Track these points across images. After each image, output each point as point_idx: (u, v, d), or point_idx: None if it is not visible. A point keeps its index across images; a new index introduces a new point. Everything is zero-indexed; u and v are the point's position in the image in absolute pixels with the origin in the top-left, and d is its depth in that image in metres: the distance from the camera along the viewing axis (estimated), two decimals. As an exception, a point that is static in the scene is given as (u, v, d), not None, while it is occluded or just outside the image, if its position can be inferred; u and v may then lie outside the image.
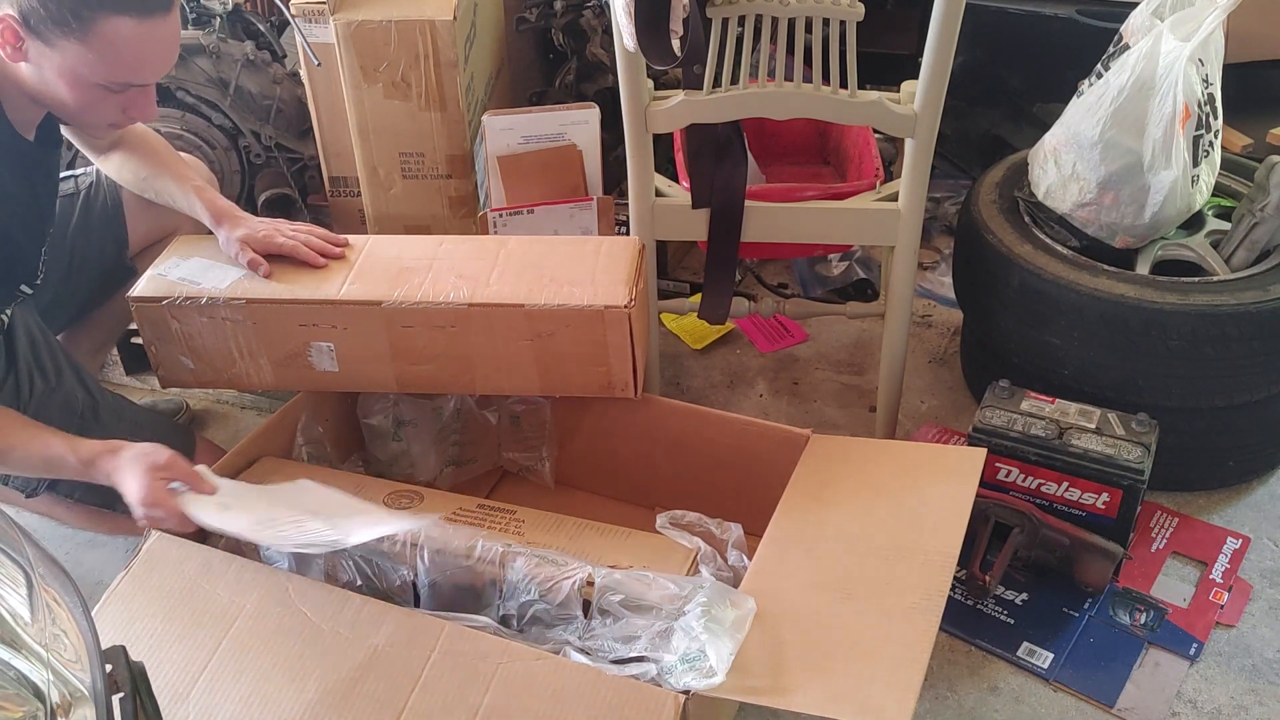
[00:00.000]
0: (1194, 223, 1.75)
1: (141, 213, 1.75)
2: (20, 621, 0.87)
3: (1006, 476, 1.63)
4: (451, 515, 1.50)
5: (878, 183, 1.77)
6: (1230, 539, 1.71)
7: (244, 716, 1.21)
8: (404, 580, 1.40)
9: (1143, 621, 1.59)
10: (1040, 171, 1.78)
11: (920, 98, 1.54)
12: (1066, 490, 1.60)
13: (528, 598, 1.33)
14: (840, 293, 2.24)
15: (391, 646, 1.24)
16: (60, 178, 1.67)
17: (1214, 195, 1.78)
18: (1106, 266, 1.67)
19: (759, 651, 1.22)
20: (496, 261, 1.61)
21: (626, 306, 1.51)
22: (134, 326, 1.78)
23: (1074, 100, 1.72)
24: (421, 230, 2.04)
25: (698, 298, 1.83)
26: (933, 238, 2.41)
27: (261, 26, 2.26)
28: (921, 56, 1.51)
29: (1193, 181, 1.66)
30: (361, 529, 1.34)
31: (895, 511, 1.39)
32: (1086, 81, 1.72)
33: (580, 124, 1.89)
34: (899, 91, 1.61)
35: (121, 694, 0.89)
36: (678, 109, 1.59)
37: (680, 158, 1.81)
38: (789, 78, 1.56)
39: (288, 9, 1.97)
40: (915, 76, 1.54)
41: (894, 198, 1.68)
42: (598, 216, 1.90)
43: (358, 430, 1.77)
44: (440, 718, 1.18)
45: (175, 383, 1.69)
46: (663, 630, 1.25)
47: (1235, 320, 1.57)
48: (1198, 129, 1.65)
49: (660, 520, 1.47)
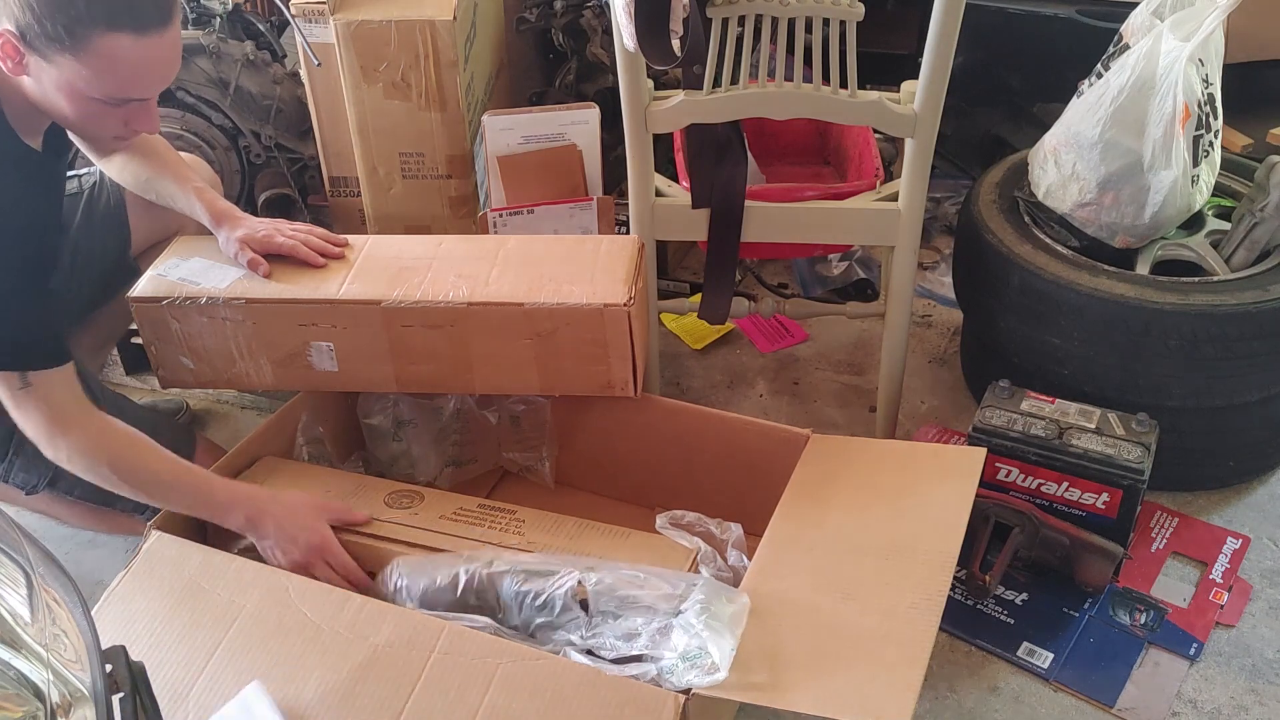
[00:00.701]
0: (1194, 223, 1.75)
1: (144, 213, 1.75)
2: (20, 621, 0.87)
3: (1006, 476, 1.63)
4: (452, 515, 1.50)
5: (878, 183, 1.77)
6: (1230, 539, 1.71)
7: (244, 716, 1.21)
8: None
9: (1143, 621, 1.59)
10: (1040, 171, 1.78)
11: (920, 98, 1.54)
12: (1066, 490, 1.60)
13: (525, 614, 1.33)
14: (840, 293, 2.23)
15: (391, 647, 1.24)
16: (66, 175, 1.67)
17: (1214, 195, 1.78)
18: (1106, 266, 1.67)
19: (759, 651, 1.22)
20: (496, 261, 1.61)
21: (626, 305, 1.51)
22: (135, 326, 1.78)
23: (1074, 100, 1.72)
24: (421, 230, 2.04)
25: (698, 298, 1.83)
26: (933, 238, 2.41)
27: (261, 26, 2.26)
28: (921, 56, 1.51)
29: (1193, 181, 1.66)
30: None
31: (895, 511, 1.39)
32: (1086, 81, 1.72)
33: (580, 124, 1.89)
34: (899, 91, 1.61)
35: (121, 694, 0.89)
36: (678, 109, 1.59)
37: (680, 158, 1.81)
38: (789, 78, 1.56)
39: (288, 9, 1.97)
40: (915, 76, 1.54)
41: (894, 198, 1.68)
42: (598, 216, 1.90)
43: (358, 430, 1.77)
44: (440, 718, 1.18)
45: (175, 383, 1.69)
46: (662, 628, 1.25)
47: (1235, 320, 1.57)
48: (1198, 129, 1.65)
49: (660, 521, 1.47)
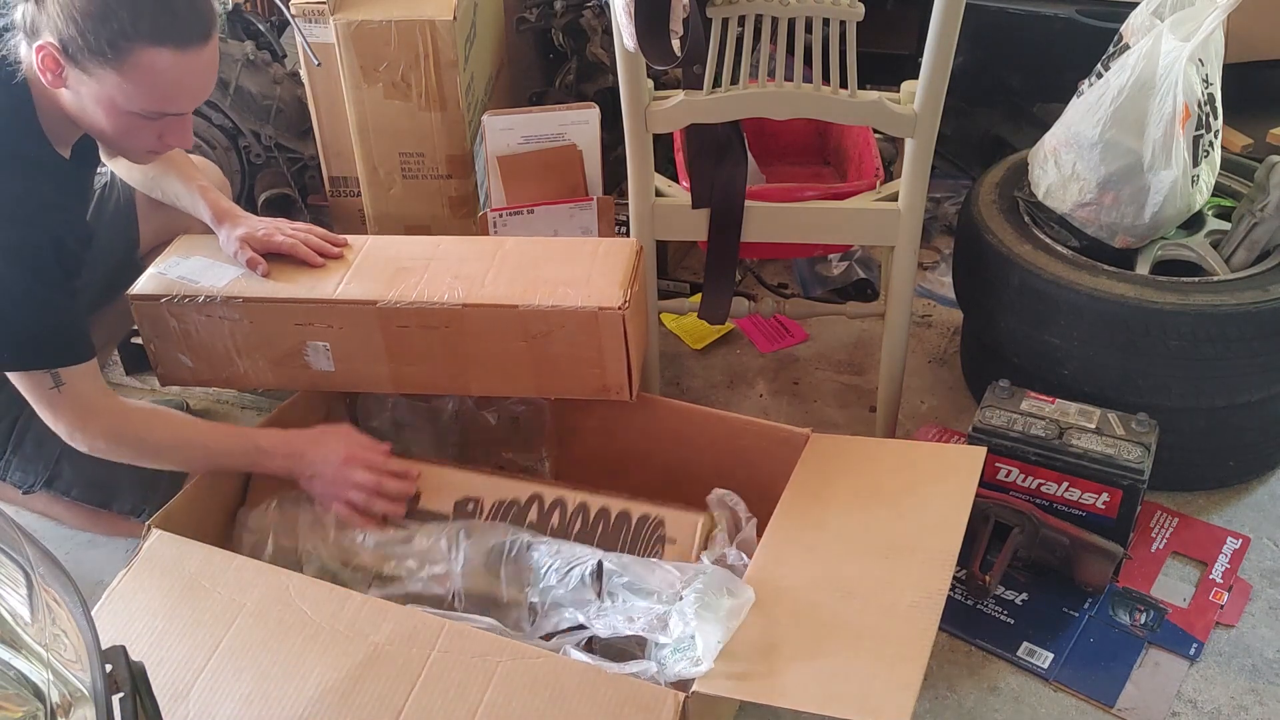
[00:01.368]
0: (1194, 223, 1.75)
1: (152, 213, 1.76)
2: (20, 621, 0.87)
3: (1006, 476, 1.63)
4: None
5: (878, 183, 1.77)
6: (1230, 539, 1.71)
7: (244, 715, 1.21)
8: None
9: (1143, 621, 1.59)
10: (1040, 171, 1.78)
11: (920, 98, 1.54)
12: (1066, 490, 1.60)
13: (547, 580, 1.37)
14: (840, 293, 2.23)
15: (391, 645, 1.24)
16: None
17: (1214, 195, 1.78)
18: (1106, 266, 1.67)
19: (759, 649, 1.22)
20: (493, 262, 1.61)
21: (621, 308, 1.51)
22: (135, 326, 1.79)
23: (1074, 100, 1.72)
24: (421, 230, 2.04)
25: (698, 298, 1.83)
26: (933, 238, 2.41)
27: (261, 26, 2.26)
28: (921, 56, 1.51)
29: (1193, 181, 1.66)
30: None
31: (895, 510, 1.39)
32: (1086, 81, 1.72)
33: (580, 124, 1.89)
34: (899, 91, 1.61)
35: (121, 694, 0.89)
36: (678, 109, 1.59)
37: (680, 158, 1.81)
38: (789, 78, 1.56)
39: (288, 9, 1.97)
40: (915, 76, 1.54)
41: (894, 198, 1.68)
42: (598, 216, 1.90)
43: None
44: (440, 716, 1.18)
45: (174, 380, 1.69)
46: (661, 614, 1.25)
47: (1235, 320, 1.57)
48: (1198, 129, 1.65)
49: (712, 497, 1.49)
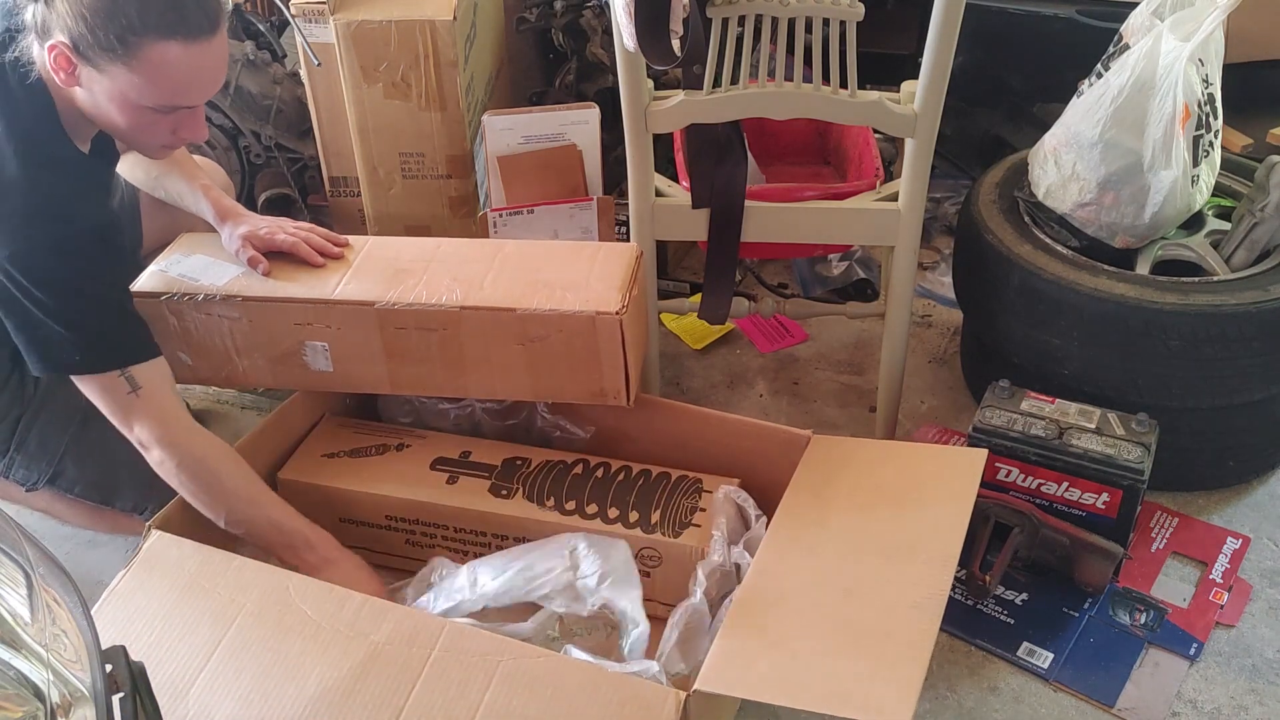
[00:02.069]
0: (1194, 223, 1.75)
1: (156, 212, 1.76)
2: (20, 621, 0.87)
3: (1006, 476, 1.63)
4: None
5: (878, 183, 1.77)
6: (1230, 539, 1.71)
7: (244, 715, 1.21)
8: None
9: (1143, 621, 1.59)
10: (1040, 171, 1.78)
11: (920, 98, 1.54)
12: (1066, 490, 1.60)
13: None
14: (840, 293, 2.23)
15: (391, 645, 1.24)
16: None
17: (1214, 195, 1.78)
18: (1106, 266, 1.67)
19: (760, 648, 1.22)
20: (493, 265, 1.61)
21: (618, 313, 1.50)
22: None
23: (1074, 100, 1.72)
24: (421, 230, 2.04)
25: (698, 298, 1.83)
26: (933, 238, 2.41)
27: (261, 26, 2.26)
28: (921, 56, 1.51)
29: (1193, 181, 1.66)
30: None
31: (896, 511, 1.39)
32: (1086, 81, 1.72)
33: (580, 124, 1.89)
34: (899, 91, 1.61)
35: (121, 694, 0.89)
36: (678, 109, 1.59)
37: (680, 158, 1.81)
38: (789, 78, 1.56)
39: (288, 9, 1.97)
40: (915, 76, 1.54)
41: (894, 198, 1.68)
42: (598, 216, 1.90)
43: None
44: (440, 716, 1.18)
45: (174, 378, 1.68)
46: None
47: (1235, 320, 1.57)
48: (1198, 129, 1.65)
49: (718, 493, 1.51)
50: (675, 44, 1.44)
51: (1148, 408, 1.61)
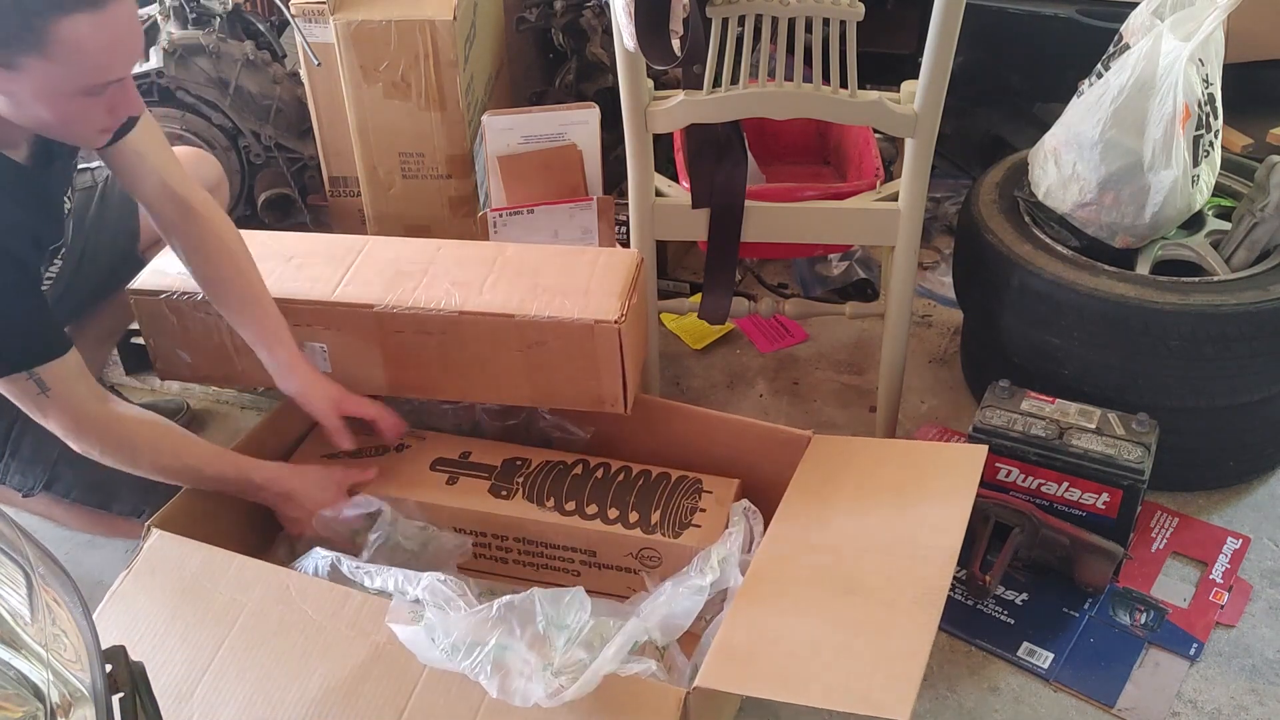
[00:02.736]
0: (1194, 223, 1.75)
1: None
2: (20, 621, 0.87)
3: (1006, 476, 1.63)
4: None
5: (878, 183, 1.77)
6: (1230, 539, 1.71)
7: (247, 716, 1.21)
8: None
9: (1143, 621, 1.59)
10: (1040, 171, 1.78)
11: (920, 98, 1.54)
12: (1066, 490, 1.60)
13: None
14: (840, 293, 2.23)
15: (393, 644, 1.24)
16: (78, 169, 1.64)
17: (1214, 195, 1.78)
18: (1106, 266, 1.67)
19: (761, 645, 1.22)
20: (492, 269, 1.61)
21: (617, 321, 1.50)
22: (135, 326, 1.79)
23: (1074, 100, 1.72)
24: (421, 230, 2.04)
25: (698, 298, 1.83)
26: (933, 238, 2.41)
27: (261, 26, 2.26)
28: (921, 56, 1.51)
29: (1193, 181, 1.66)
30: None
31: (897, 509, 1.39)
32: (1086, 81, 1.72)
33: (580, 124, 1.89)
34: (899, 91, 1.61)
35: (121, 694, 0.89)
36: (678, 109, 1.59)
37: (680, 158, 1.81)
38: (789, 78, 1.56)
39: (288, 9, 1.98)
40: (915, 76, 1.54)
41: (894, 198, 1.68)
42: (598, 216, 1.90)
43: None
44: (443, 716, 1.18)
45: (172, 376, 1.69)
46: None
47: (1235, 320, 1.57)
48: (1198, 129, 1.65)
49: (737, 506, 1.49)
50: (675, 44, 1.44)
51: (1148, 408, 1.61)
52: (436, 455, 1.66)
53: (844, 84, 1.55)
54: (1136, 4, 1.71)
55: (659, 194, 1.72)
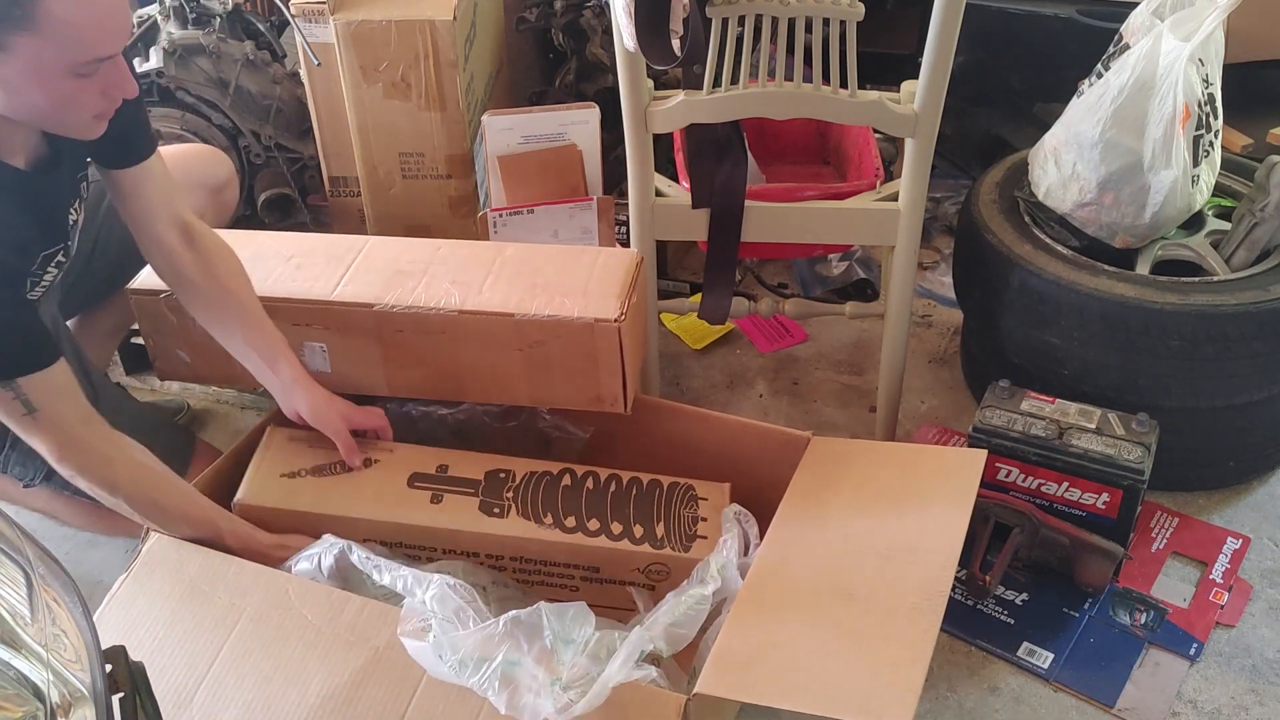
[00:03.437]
0: (1194, 223, 1.75)
1: None
2: (20, 621, 0.87)
3: (1006, 476, 1.63)
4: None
5: (878, 183, 1.77)
6: (1230, 539, 1.71)
7: (246, 722, 1.21)
8: None
9: (1143, 621, 1.59)
10: (1040, 171, 1.78)
11: (920, 98, 1.54)
12: (1066, 490, 1.60)
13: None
14: (840, 293, 2.23)
15: (392, 649, 1.24)
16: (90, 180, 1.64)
17: (1214, 195, 1.78)
18: (1106, 266, 1.67)
19: (760, 651, 1.22)
20: (492, 269, 1.61)
21: (617, 320, 1.50)
22: (136, 326, 1.78)
23: (1074, 100, 1.72)
24: (421, 230, 2.04)
25: (698, 298, 1.83)
26: (933, 238, 2.41)
27: (261, 26, 2.26)
28: (921, 56, 1.51)
29: (1193, 181, 1.66)
30: None
31: (896, 513, 1.39)
32: (1086, 81, 1.72)
33: (580, 124, 1.89)
34: (899, 91, 1.61)
35: (121, 694, 0.89)
36: (678, 109, 1.59)
37: (680, 158, 1.81)
38: (789, 78, 1.56)
39: (288, 9, 1.97)
40: (915, 76, 1.54)
41: (894, 198, 1.68)
42: (598, 216, 1.90)
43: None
44: (442, 720, 1.18)
45: (172, 375, 1.69)
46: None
47: (1235, 320, 1.57)
48: (1198, 129, 1.65)
49: (727, 511, 1.47)
50: (675, 44, 1.44)
51: (1148, 408, 1.61)
52: (411, 470, 1.55)
53: (844, 84, 1.55)
54: (1136, 4, 1.71)
55: (659, 194, 1.72)
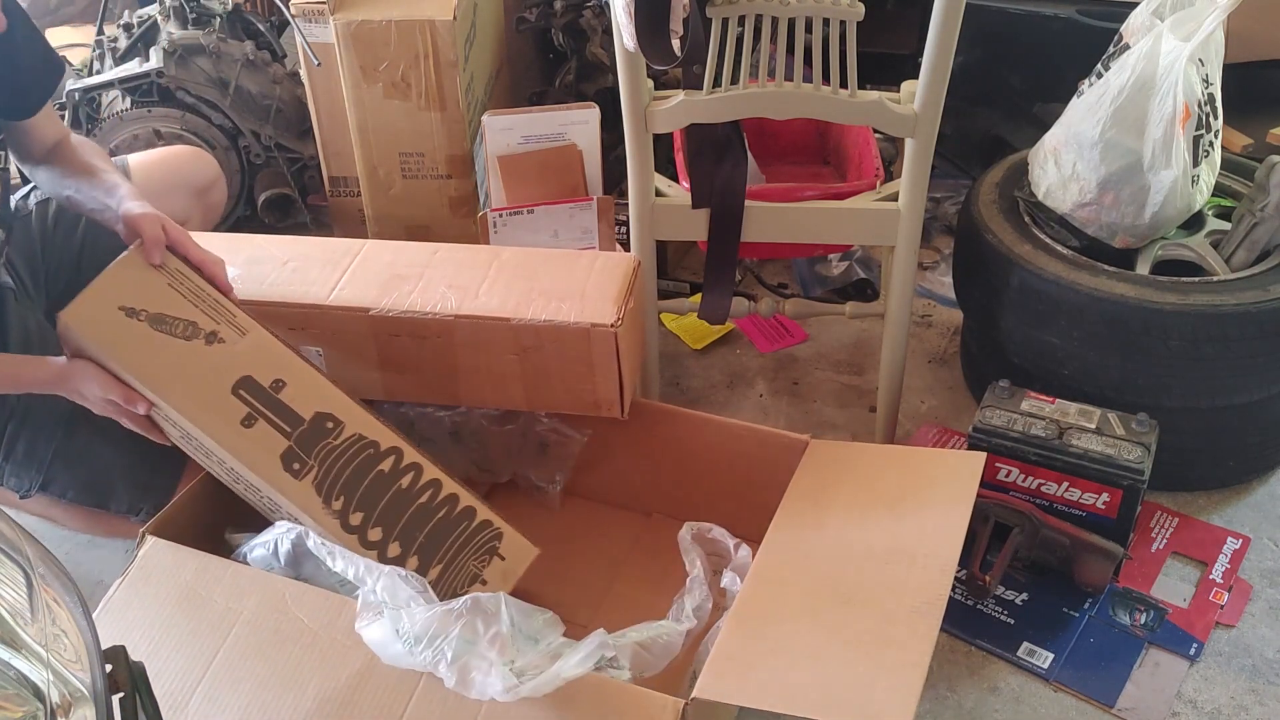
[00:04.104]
0: (1194, 223, 1.75)
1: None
2: (20, 621, 0.87)
3: (1006, 476, 1.63)
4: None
5: (878, 183, 1.77)
6: (1230, 539, 1.71)
7: (243, 726, 1.21)
8: None
9: (1143, 621, 1.59)
10: (1040, 171, 1.78)
11: (920, 98, 1.54)
12: (1066, 490, 1.60)
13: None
14: (840, 293, 2.23)
15: (391, 651, 1.24)
16: (16, 188, 1.64)
17: (1214, 195, 1.78)
18: (1106, 266, 1.67)
19: (759, 655, 1.22)
20: (489, 273, 1.60)
21: (613, 325, 1.50)
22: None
23: (1074, 100, 1.72)
24: (421, 230, 2.04)
25: (698, 298, 1.83)
26: (933, 238, 2.41)
27: (261, 26, 2.26)
28: (921, 56, 1.51)
29: (1193, 181, 1.66)
30: None
31: (895, 516, 1.39)
32: (1086, 81, 1.72)
33: (580, 124, 1.89)
34: (899, 91, 1.61)
35: (121, 694, 0.89)
36: (678, 109, 1.59)
37: (680, 158, 1.81)
38: (789, 78, 1.56)
39: (288, 9, 1.98)
40: (915, 76, 1.54)
41: (894, 198, 1.68)
42: (598, 216, 1.90)
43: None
44: (439, 724, 1.18)
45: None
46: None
47: (1235, 320, 1.57)
48: (1198, 129, 1.65)
49: (683, 533, 1.46)
50: (675, 44, 1.44)
51: (1148, 408, 1.61)
52: (246, 372, 1.39)
53: (844, 84, 1.55)
54: (1136, 4, 1.71)
55: (659, 194, 1.72)
